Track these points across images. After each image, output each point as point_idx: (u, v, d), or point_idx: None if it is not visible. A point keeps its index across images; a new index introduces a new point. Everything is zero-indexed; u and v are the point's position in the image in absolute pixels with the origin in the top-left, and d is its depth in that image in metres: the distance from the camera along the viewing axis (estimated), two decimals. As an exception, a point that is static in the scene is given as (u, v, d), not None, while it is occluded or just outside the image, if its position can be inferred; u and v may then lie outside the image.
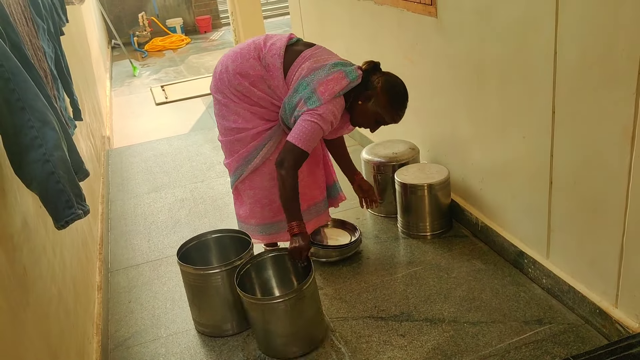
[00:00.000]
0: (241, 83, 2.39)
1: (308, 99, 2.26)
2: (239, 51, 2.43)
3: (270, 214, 2.57)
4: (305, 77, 2.30)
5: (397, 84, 2.40)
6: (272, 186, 2.52)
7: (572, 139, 2.10)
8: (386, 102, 2.34)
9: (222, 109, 2.48)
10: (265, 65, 2.38)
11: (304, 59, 2.36)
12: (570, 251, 2.26)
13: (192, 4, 10.30)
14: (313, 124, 2.25)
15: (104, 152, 4.43)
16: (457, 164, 2.94)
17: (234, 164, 2.53)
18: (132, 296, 2.78)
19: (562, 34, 2.02)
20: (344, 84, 2.29)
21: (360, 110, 2.38)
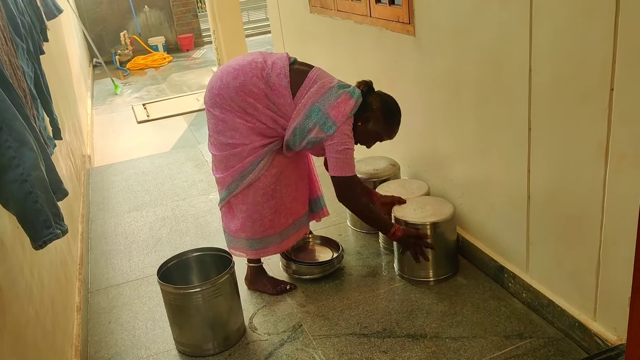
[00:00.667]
0: (245, 99, 2.41)
1: (323, 124, 2.37)
2: (239, 68, 2.43)
3: (261, 229, 2.58)
4: (316, 102, 2.40)
5: (392, 102, 2.54)
6: (264, 201, 2.53)
7: (548, 155, 2.13)
8: (384, 122, 2.50)
9: (218, 124, 2.48)
10: (270, 84, 2.41)
11: (311, 82, 2.44)
12: (549, 265, 2.29)
13: (174, 22, 10.34)
14: (343, 151, 2.39)
15: (84, 171, 4.40)
16: (437, 180, 2.97)
17: (229, 178, 2.53)
18: (112, 316, 2.74)
19: (536, 52, 2.06)
20: (352, 104, 2.41)
21: (360, 131, 2.50)
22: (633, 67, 1.69)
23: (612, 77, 1.77)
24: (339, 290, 2.72)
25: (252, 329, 2.54)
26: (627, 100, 1.74)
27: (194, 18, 10.49)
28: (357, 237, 3.20)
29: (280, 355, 2.35)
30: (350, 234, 3.25)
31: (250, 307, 2.69)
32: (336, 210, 3.47)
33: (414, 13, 2.79)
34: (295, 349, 2.38)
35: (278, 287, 2.75)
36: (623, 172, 1.82)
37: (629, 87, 1.72)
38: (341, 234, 3.26)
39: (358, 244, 3.11)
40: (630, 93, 1.73)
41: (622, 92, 1.75)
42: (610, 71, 1.77)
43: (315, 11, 4.05)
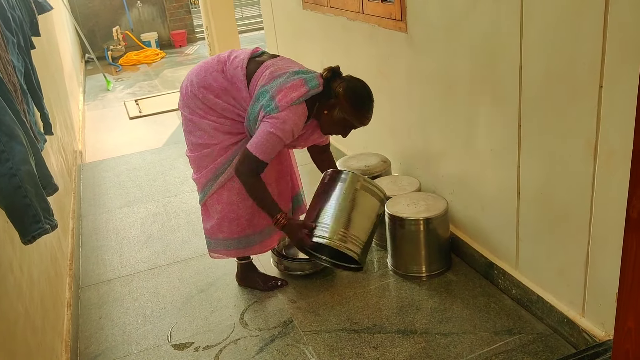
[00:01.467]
0: (205, 96, 2.40)
1: (267, 106, 2.27)
2: (203, 65, 2.46)
3: (238, 229, 2.56)
4: (266, 84, 2.31)
5: (358, 86, 2.37)
6: (240, 201, 2.51)
7: (538, 151, 2.14)
8: (350, 107, 2.33)
9: (188, 125, 2.49)
10: (229, 78, 2.40)
11: (265, 68, 2.38)
12: (539, 261, 2.30)
13: (167, 18, 10.29)
14: (271, 134, 2.26)
15: (75, 166, 4.38)
16: (428, 176, 2.98)
17: (203, 179, 2.52)
18: (102, 312, 2.74)
19: (526, 49, 2.07)
20: (303, 91, 2.28)
21: (327, 119, 2.38)
22: (622, 64, 1.70)
23: (602, 74, 1.78)
24: (330, 286, 2.72)
25: (243, 324, 2.54)
26: (616, 97, 1.75)
27: (186, 14, 10.45)
28: (348, 234, 3.20)
29: (271, 351, 2.36)
30: (342, 230, 3.25)
31: (241, 303, 2.69)
32: (328, 207, 3.47)
33: (406, 10, 2.79)
34: (286, 345, 2.38)
35: (269, 283, 2.76)
36: (611, 169, 1.83)
37: (618, 84, 1.73)
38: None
39: (349, 241, 3.11)
40: (619, 90, 1.74)
41: (611, 89, 1.76)
42: (599, 68, 1.78)
43: (308, 7, 4.05)
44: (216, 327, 2.54)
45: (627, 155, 1.75)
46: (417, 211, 2.66)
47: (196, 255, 3.15)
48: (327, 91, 2.35)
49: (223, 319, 2.59)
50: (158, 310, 2.70)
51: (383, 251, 2.96)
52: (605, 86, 1.78)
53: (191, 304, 2.73)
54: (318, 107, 2.37)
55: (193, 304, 2.72)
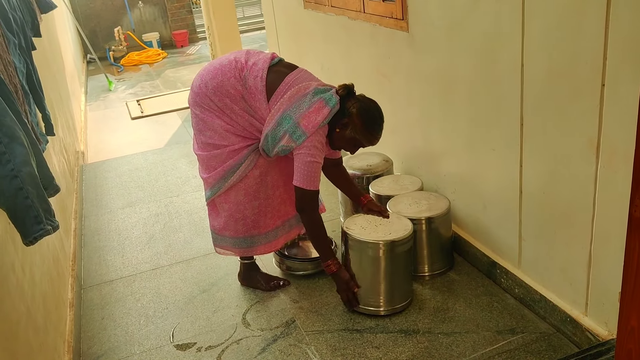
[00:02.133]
0: (221, 99, 2.38)
1: (293, 133, 2.30)
2: (219, 67, 2.41)
3: (244, 229, 2.57)
4: (288, 109, 2.32)
5: (371, 108, 2.42)
6: (247, 201, 2.52)
7: (540, 150, 2.14)
8: (362, 128, 2.37)
9: (199, 123, 2.48)
10: (247, 87, 2.37)
11: (287, 86, 2.36)
12: (541, 260, 2.29)
13: (169, 18, 10.30)
14: (312, 164, 2.32)
15: (77, 167, 4.39)
16: (430, 175, 2.97)
17: (212, 180, 2.52)
18: (105, 313, 2.74)
19: (528, 48, 2.06)
20: (326, 112, 2.32)
21: (338, 136, 2.42)
22: (624, 62, 1.70)
23: (604, 73, 1.77)
24: (332, 286, 2.71)
25: (245, 324, 2.54)
26: (618, 96, 1.75)
27: (188, 14, 10.46)
28: (350, 233, 3.19)
29: (273, 351, 2.36)
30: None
31: (244, 303, 2.69)
32: (329, 207, 3.48)
33: (407, 9, 2.79)
34: (288, 345, 2.38)
35: (271, 282, 2.76)
36: (614, 168, 1.82)
37: (620, 83, 1.73)
38: (334, 230, 3.26)
39: (351, 240, 3.11)
40: (621, 89, 1.73)
41: (613, 88, 1.76)
42: (601, 67, 1.77)
43: (309, 7, 4.05)
44: (218, 327, 2.54)
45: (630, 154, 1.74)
46: (419, 210, 2.65)
47: (198, 255, 3.15)
48: (340, 109, 2.37)
49: (225, 319, 2.59)
50: (160, 311, 2.70)
51: (385, 251, 2.96)
52: (607, 85, 1.78)
53: (193, 304, 2.73)
54: (330, 124, 2.39)
55: (195, 304, 2.72)
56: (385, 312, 2.47)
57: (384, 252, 2.39)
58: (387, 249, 2.39)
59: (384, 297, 2.46)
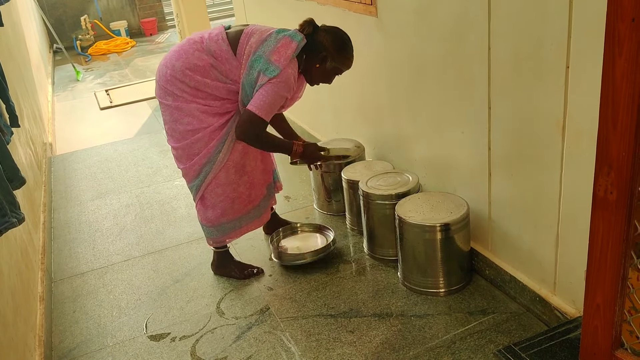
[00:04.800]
0: (192, 77, 2.38)
1: (266, 69, 2.32)
2: (179, 49, 2.43)
3: (240, 207, 2.60)
4: (256, 51, 2.35)
5: (341, 33, 2.50)
6: (238, 178, 2.54)
7: (508, 132, 2.16)
8: (341, 56, 2.47)
9: (174, 113, 2.45)
10: (212, 53, 2.39)
11: (248, 35, 2.41)
12: (511, 241, 2.33)
13: (137, 6, 10.11)
14: (273, 91, 2.32)
15: (45, 159, 4.30)
16: (401, 160, 2.99)
17: (196, 166, 2.50)
18: (76, 306, 2.71)
19: (494, 30, 2.08)
20: (294, 46, 2.36)
21: (319, 72, 2.49)
22: (588, 44, 1.72)
23: (568, 55, 1.80)
24: (306, 273, 2.72)
25: (220, 313, 2.53)
26: (582, 77, 1.77)
27: (157, 1, 10.28)
28: (324, 220, 3.20)
29: (248, 339, 2.36)
30: (317, 216, 3.26)
31: (218, 292, 2.68)
32: (302, 195, 3.48)
33: (376, -7, 2.78)
34: (263, 332, 2.38)
35: (245, 271, 2.75)
36: (580, 148, 1.85)
37: (584, 64, 1.75)
38: (308, 217, 3.27)
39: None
40: (585, 70, 1.75)
41: (577, 69, 1.78)
42: (565, 49, 1.79)
43: (278, -7, 4.01)
44: (192, 317, 2.53)
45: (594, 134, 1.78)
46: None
47: (170, 245, 3.13)
48: (312, 45, 2.42)
49: (199, 308, 2.58)
50: (133, 302, 2.68)
51: (358, 236, 2.97)
52: (571, 67, 1.80)
53: (167, 294, 2.71)
54: (307, 62, 2.44)
55: (168, 295, 2.70)
56: (445, 292, 2.47)
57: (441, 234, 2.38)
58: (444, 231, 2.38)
59: (443, 278, 2.46)
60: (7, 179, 2.03)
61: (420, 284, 2.49)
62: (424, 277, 2.48)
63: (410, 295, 2.48)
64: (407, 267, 2.53)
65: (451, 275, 2.47)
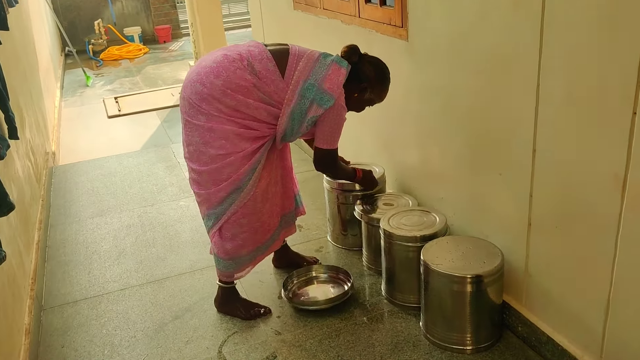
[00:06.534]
0: (234, 97, 2.18)
1: (320, 99, 2.23)
2: (217, 67, 2.19)
3: (261, 236, 2.42)
4: (307, 78, 2.24)
5: (385, 68, 2.42)
6: (262, 206, 2.36)
7: (555, 181, 1.92)
8: (381, 89, 2.41)
9: (205, 135, 2.22)
10: (256, 73, 2.21)
11: (295, 57, 2.28)
12: (550, 299, 2.09)
13: (152, 12, 9.99)
14: (334, 121, 2.27)
15: (46, 170, 4.10)
16: (426, 196, 2.75)
17: (222, 193, 2.28)
18: (66, 340, 2.48)
19: (546, 65, 1.85)
20: (343, 73, 2.28)
21: (355, 101, 2.39)
22: (662, 90, 1.49)
23: (636, 100, 1.56)
24: (318, 316, 2.49)
25: (221, 359, 2.29)
26: (653, 127, 1.54)
27: (172, 9, 10.15)
28: (338, 254, 2.97)
29: (251, 392, 2.12)
30: (331, 250, 3.02)
31: (220, 333, 2.44)
32: (316, 225, 3.25)
33: (408, 16, 2.57)
34: (268, 385, 2.15)
35: (251, 310, 2.51)
36: (642, 207, 1.62)
37: (656, 112, 1.52)
38: (321, 248, 3.04)
39: (339, 262, 2.88)
40: (656, 119, 1.53)
41: (647, 117, 1.55)
42: (634, 92, 1.56)
43: (299, 8, 3.81)
44: (191, 361, 2.30)
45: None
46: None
47: (172, 275, 2.90)
48: (354, 73, 2.33)
49: (199, 352, 2.34)
50: (127, 339, 2.45)
51: (375, 276, 2.74)
52: (639, 113, 1.57)
53: (164, 332, 2.47)
54: (345, 89, 2.31)
55: (166, 333, 2.47)
56: (472, 350, 2.22)
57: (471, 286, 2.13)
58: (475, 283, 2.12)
59: (471, 333, 2.21)
60: (-7, 206, 1.82)
61: (445, 338, 2.25)
62: (449, 330, 2.24)
63: (434, 351, 2.24)
64: (430, 319, 2.29)
65: (480, 331, 2.23)
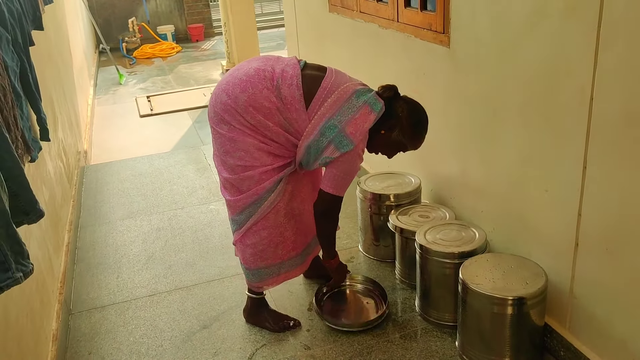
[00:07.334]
0: (254, 116, 2.11)
1: (339, 142, 2.10)
2: (247, 79, 2.12)
3: (283, 252, 2.33)
4: (332, 117, 2.11)
5: (420, 110, 2.26)
6: (286, 222, 2.28)
7: (606, 200, 1.81)
8: (412, 132, 2.22)
9: (225, 144, 2.17)
10: (282, 97, 2.11)
11: (325, 91, 2.14)
12: (596, 325, 1.97)
13: (185, 11, 10.01)
14: (348, 167, 2.14)
15: (78, 169, 4.10)
16: (464, 209, 2.65)
17: (242, 203, 2.23)
18: (92, 346, 2.44)
19: (601, 77, 1.74)
20: (372, 119, 2.13)
21: (382, 140, 2.23)
22: None
23: (703, 119, 1.45)
24: (348, 332, 2.40)
25: (249, 373, 2.24)
26: None
27: (205, 7, 10.16)
28: (370, 266, 2.88)
29: (279, 409, 2.05)
30: (362, 261, 2.94)
31: (248, 345, 2.38)
32: (347, 233, 3.17)
33: (450, 22, 2.46)
34: (297, 403, 2.08)
35: (280, 323, 2.45)
36: None
37: None
38: (352, 258, 2.96)
39: (371, 274, 2.80)
40: None
41: None
42: (701, 112, 1.45)
43: (335, 10, 3.73)
44: (219, 374, 2.24)
45: None
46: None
47: (201, 281, 2.85)
48: (387, 111, 2.18)
49: (227, 364, 2.29)
50: (154, 348, 2.40)
51: (408, 290, 2.65)
52: None
53: (192, 342, 2.42)
54: (375, 127, 2.17)
55: (194, 343, 2.41)
56: None
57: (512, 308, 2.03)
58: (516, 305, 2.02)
59: (510, 356, 2.12)
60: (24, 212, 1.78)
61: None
62: (487, 353, 2.13)
63: (470, 374, 2.14)
64: (467, 339, 2.19)
65: (520, 354, 2.12)
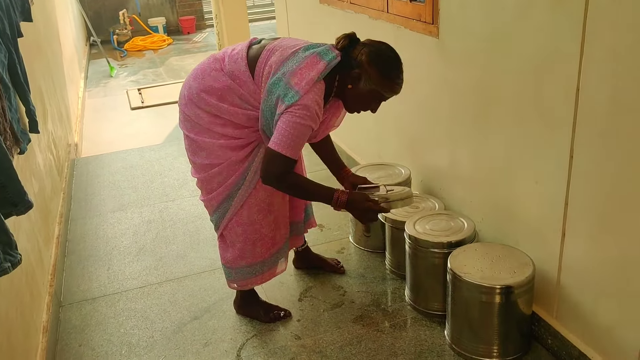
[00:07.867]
0: (208, 102, 2.09)
1: (284, 95, 1.93)
2: (199, 67, 2.15)
3: (262, 250, 2.30)
4: (276, 72, 1.99)
5: (383, 49, 2.04)
6: (261, 218, 2.24)
7: (593, 189, 1.83)
8: (379, 74, 1.99)
9: (191, 144, 2.20)
10: (230, 74, 2.07)
11: (269, 52, 2.05)
12: (583, 313, 1.99)
13: (176, 3, 9.96)
14: (296, 125, 1.92)
15: (68, 162, 4.08)
16: (453, 199, 2.66)
17: (214, 201, 2.24)
18: (83, 338, 2.44)
19: (588, 68, 1.75)
20: (321, 67, 1.95)
21: (352, 94, 2.04)
22: None
23: (687, 109, 1.47)
24: (339, 321, 2.42)
25: (240, 363, 2.25)
26: None
27: (196, 0, 10.11)
28: (360, 257, 2.90)
29: (270, 399, 2.07)
30: (353, 252, 2.95)
31: (239, 336, 2.39)
32: (337, 224, 3.18)
33: (439, 12, 2.47)
34: (287, 392, 2.09)
35: (271, 313, 2.46)
36: (690, 221, 1.52)
37: None
38: (343, 249, 2.97)
39: (361, 265, 2.81)
40: None
41: (699, 127, 1.45)
42: (685, 101, 1.46)
43: (325, 2, 3.73)
44: (209, 364, 2.25)
45: None
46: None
47: (191, 273, 2.85)
48: (347, 62, 2.00)
49: (217, 355, 2.29)
50: (145, 340, 2.41)
51: (398, 280, 2.66)
52: (690, 123, 1.47)
53: (183, 333, 2.43)
54: (339, 83, 2.03)
55: (185, 334, 2.42)
56: None
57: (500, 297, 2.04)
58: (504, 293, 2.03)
59: (499, 344, 2.13)
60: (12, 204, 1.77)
61: (471, 349, 2.16)
62: (475, 341, 2.15)
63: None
64: (456, 328, 2.21)
65: (508, 342, 2.14)
